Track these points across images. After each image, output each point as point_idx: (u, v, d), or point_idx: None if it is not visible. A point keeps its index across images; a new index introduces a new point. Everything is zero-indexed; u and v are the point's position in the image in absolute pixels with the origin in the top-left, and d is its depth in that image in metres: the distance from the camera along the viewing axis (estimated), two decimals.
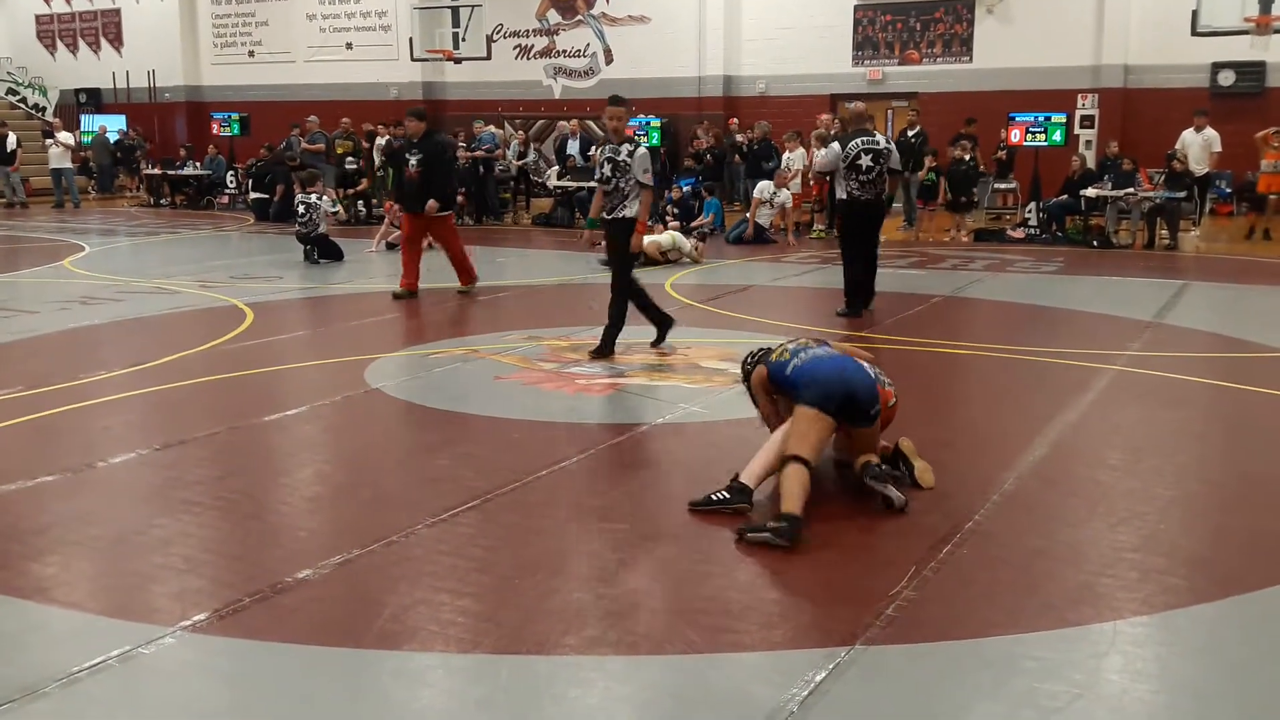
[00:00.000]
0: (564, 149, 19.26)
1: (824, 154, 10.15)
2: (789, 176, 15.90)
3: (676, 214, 16.18)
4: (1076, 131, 18.05)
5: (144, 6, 26.92)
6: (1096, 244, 14.73)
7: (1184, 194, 14.72)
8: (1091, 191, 15.19)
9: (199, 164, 22.38)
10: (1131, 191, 14.78)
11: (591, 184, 8.38)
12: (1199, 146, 15.62)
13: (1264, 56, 17.08)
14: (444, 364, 7.78)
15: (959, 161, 15.78)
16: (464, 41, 21.49)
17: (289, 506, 4.96)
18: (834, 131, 14.48)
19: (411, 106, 12.00)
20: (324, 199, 14.18)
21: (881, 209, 9.75)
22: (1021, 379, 7.34)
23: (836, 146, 9.56)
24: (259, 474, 5.42)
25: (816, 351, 4.94)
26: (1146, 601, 3.82)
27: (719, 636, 3.55)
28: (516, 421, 6.17)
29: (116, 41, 27.66)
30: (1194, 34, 15.71)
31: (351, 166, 18.44)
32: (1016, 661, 3.40)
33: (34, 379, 7.10)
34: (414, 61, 22.60)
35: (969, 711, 3.16)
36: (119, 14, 27.44)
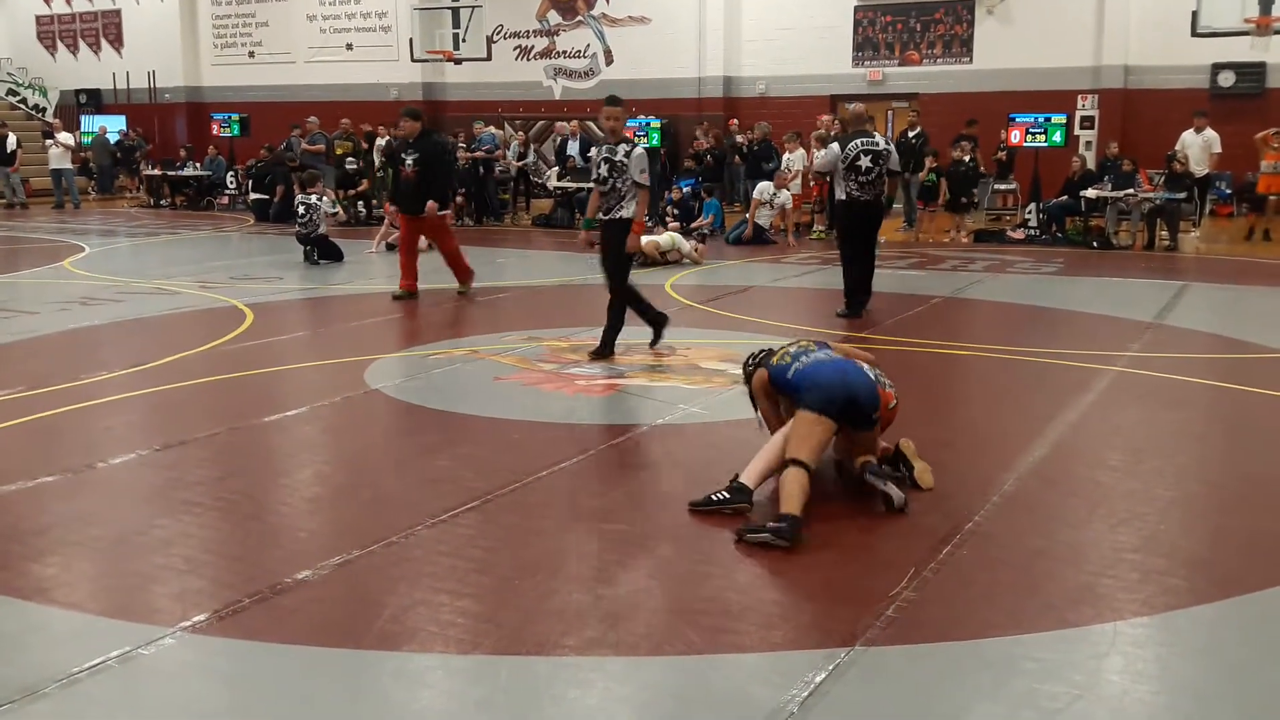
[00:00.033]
0: (564, 150, 19.26)
1: (823, 154, 10.16)
2: (789, 177, 15.90)
3: (677, 215, 16.19)
4: (1076, 132, 18.05)
5: (144, 7, 26.94)
6: (1096, 245, 14.73)
7: (1184, 195, 14.72)
8: (1091, 192, 15.19)
9: (199, 165, 22.40)
10: (1131, 192, 14.78)
11: (591, 184, 8.37)
12: (1199, 147, 15.63)
13: (1264, 57, 17.10)
14: (444, 365, 7.79)
15: (959, 162, 15.78)
16: (464, 42, 21.52)
17: (289, 507, 4.96)
18: (834, 132, 14.47)
19: (406, 106, 11.92)
20: (324, 200, 14.18)
21: (880, 210, 9.77)
22: (1022, 380, 7.34)
23: (836, 147, 9.56)
24: (259, 475, 5.42)
25: (818, 355, 4.95)
26: (1147, 602, 3.82)
27: (719, 637, 3.55)
28: (516, 422, 6.17)
29: (117, 42, 27.68)
30: (1194, 35, 15.74)
31: (352, 167, 18.44)
32: (1017, 662, 3.40)
33: (34, 380, 7.10)
34: (414, 62, 22.61)
35: (969, 712, 3.16)
36: (119, 15, 27.47)
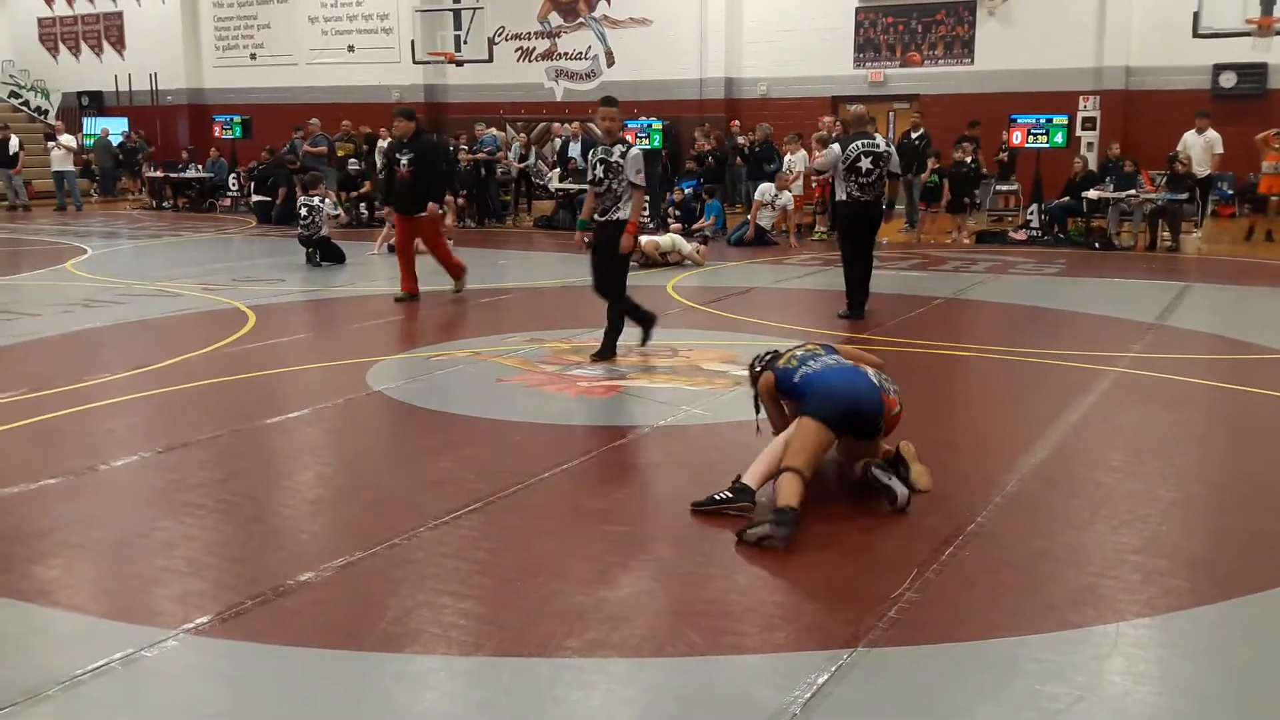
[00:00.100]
0: (565, 151, 19.28)
1: (823, 155, 10.17)
2: (790, 179, 15.90)
3: (678, 216, 16.20)
4: (1078, 133, 18.04)
5: (146, 9, 26.97)
6: (1098, 246, 14.73)
7: (1186, 196, 14.72)
8: (1093, 193, 15.19)
9: (201, 167, 22.43)
10: (1133, 193, 14.78)
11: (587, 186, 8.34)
12: (1201, 148, 15.62)
13: (1265, 58, 17.09)
14: (446, 366, 7.79)
15: (961, 163, 15.78)
16: (466, 44, 21.52)
17: (291, 509, 4.96)
18: (835, 134, 14.48)
19: (399, 106, 11.86)
20: (326, 202, 14.18)
21: (880, 211, 9.78)
22: (1023, 380, 7.34)
23: (836, 148, 9.57)
24: (261, 477, 5.43)
25: (825, 360, 4.91)
26: (1148, 603, 3.82)
27: (721, 639, 3.56)
28: (518, 424, 6.18)
29: (119, 44, 27.71)
30: (1195, 36, 15.74)
31: (354, 169, 18.46)
32: (1019, 663, 3.40)
33: (37, 382, 7.11)
34: (416, 64, 22.61)
35: (971, 713, 3.16)
36: (121, 17, 27.50)
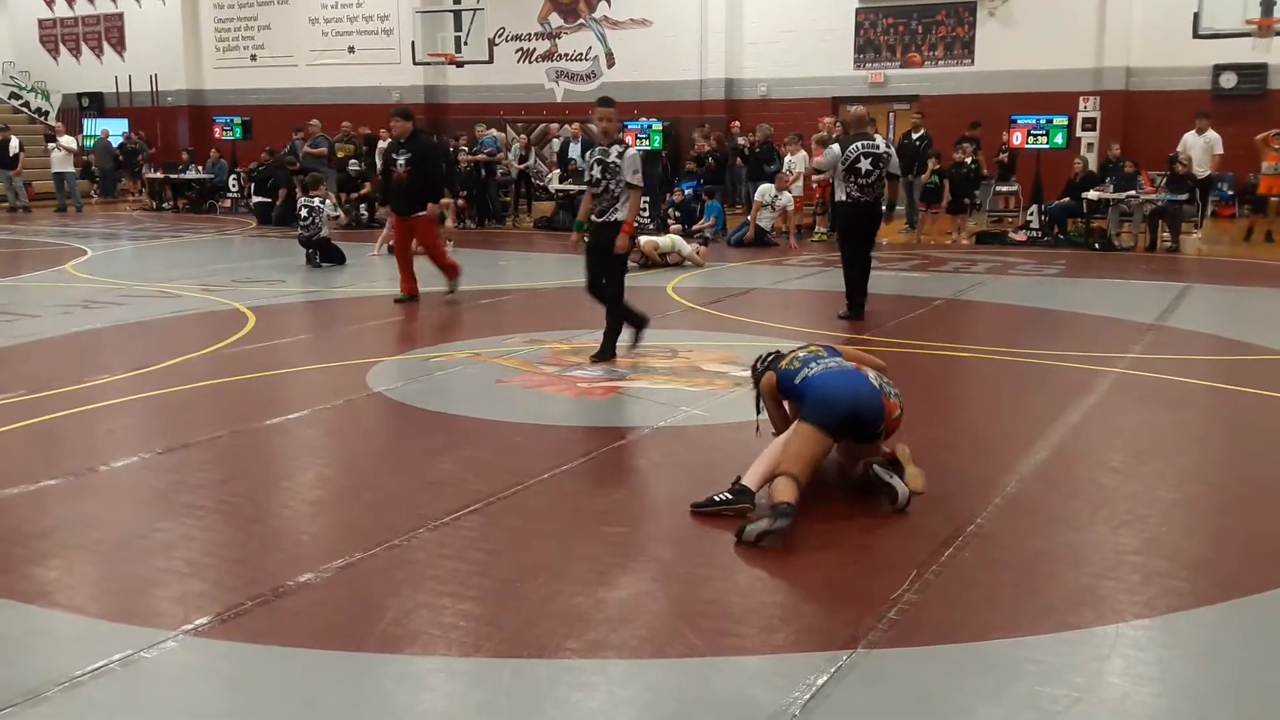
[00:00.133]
0: (566, 152, 19.28)
1: (823, 155, 10.17)
2: (790, 180, 15.90)
3: (678, 217, 16.20)
4: (1078, 134, 18.04)
5: (146, 10, 26.99)
6: (1098, 246, 14.73)
7: (1186, 196, 14.72)
8: (1093, 194, 15.19)
9: (201, 168, 22.43)
10: (1133, 194, 14.78)
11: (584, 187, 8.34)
12: (1201, 149, 15.62)
13: (1265, 59, 17.10)
14: (445, 367, 7.79)
15: (961, 164, 15.78)
16: (466, 45, 21.53)
17: (291, 510, 4.96)
18: (834, 134, 14.48)
19: (396, 106, 11.85)
20: (326, 203, 14.19)
21: (880, 212, 9.79)
22: (1023, 381, 7.34)
23: (835, 149, 9.57)
24: (261, 477, 5.43)
25: (827, 363, 4.89)
26: (1148, 604, 3.82)
27: (720, 640, 3.56)
28: (518, 425, 6.18)
29: (119, 45, 27.71)
30: (1195, 36, 15.75)
31: (354, 170, 18.46)
32: (1018, 664, 3.40)
33: (37, 383, 7.11)
34: (416, 65, 22.62)
35: (970, 714, 3.16)
36: (121, 18, 27.51)
